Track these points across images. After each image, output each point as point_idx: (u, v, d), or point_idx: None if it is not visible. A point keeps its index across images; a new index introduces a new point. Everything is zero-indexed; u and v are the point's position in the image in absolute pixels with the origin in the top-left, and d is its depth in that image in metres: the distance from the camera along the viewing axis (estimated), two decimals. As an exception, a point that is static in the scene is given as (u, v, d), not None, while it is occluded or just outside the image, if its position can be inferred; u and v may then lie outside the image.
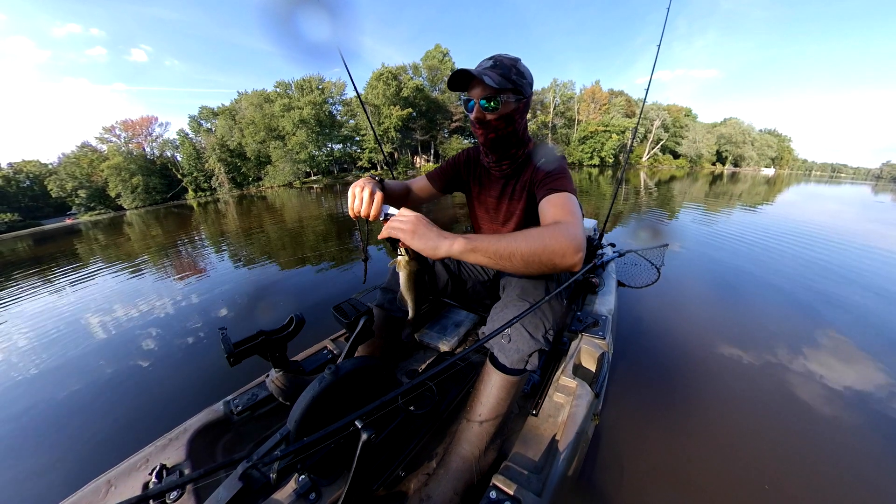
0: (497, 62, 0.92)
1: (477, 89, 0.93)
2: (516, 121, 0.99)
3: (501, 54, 0.95)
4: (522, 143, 1.07)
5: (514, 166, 1.10)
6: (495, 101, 0.92)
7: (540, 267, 0.74)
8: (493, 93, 0.91)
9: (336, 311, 1.12)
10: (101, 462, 1.50)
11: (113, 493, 0.86)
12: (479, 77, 0.88)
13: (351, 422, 0.93)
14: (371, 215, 0.82)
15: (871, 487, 1.26)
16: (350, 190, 0.85)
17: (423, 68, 41.63)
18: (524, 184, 1.10)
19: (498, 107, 0.93)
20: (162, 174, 39.88)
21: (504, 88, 0.91)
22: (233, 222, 10.90)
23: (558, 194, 0.92)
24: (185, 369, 2.26)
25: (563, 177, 0.98)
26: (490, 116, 0.95)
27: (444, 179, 1.25)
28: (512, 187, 1.14)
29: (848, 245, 4.63)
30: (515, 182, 1.13)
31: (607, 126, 44.09)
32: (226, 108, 40.63)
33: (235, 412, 1.10)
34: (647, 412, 1.61)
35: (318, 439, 0.53)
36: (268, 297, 3.49)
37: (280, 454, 0.50)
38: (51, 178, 36.49)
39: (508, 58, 0.95)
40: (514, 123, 0.99)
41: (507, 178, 1.14)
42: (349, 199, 0.85)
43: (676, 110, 53.80)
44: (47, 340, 3.03)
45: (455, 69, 0.90)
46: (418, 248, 0.75)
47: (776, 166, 68.64)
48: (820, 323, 2.44)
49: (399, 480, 0.99)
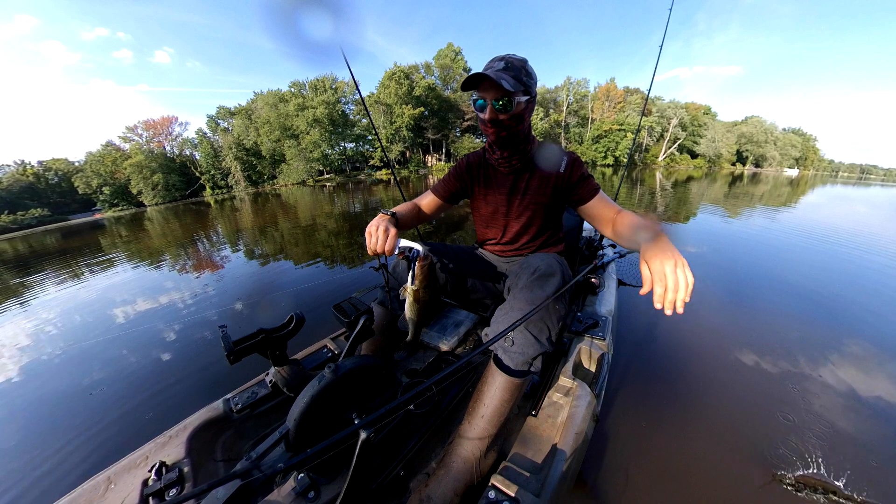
0: (508, 63, 0.96)
1: (490, 91, 0.96)
2: (525, 119, 1.05)
3: (511, 55, 0.99)
4: (529, 139, 1.12)
5: (523, 161, 1.15)
6: (509, 102, 0.96)
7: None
8: (507, 94, 0.95)
9: (336, 310, 1.13)
10: (101, 458, 1.52)
11: (112, 489, 0.87)
12: (498, 81, 0.90)
13: (351, 422, 0.94)
14: (387, 251, 0.91)
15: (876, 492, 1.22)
16: (367, 229, 0.94)
17: (435, 67, 41.64)
18: (539, 179, 1.16)
19: (511, 107, 0.97)
20: (181, 172, 41.16)
21: (517, 90, 0.95)
22: (246, 219, 11.15)
23: (600, 194, 1.10)
24: (185, 367, 2.27)
25: (592, 177, 1.14)
26: (503, 116, 1.00)
27: (449, 190, 1.30)
28: (525, 182, 1.18)
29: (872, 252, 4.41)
30: (528, 177, 1.17)
31: (622, 125, 43.25)
32: (242, 107, 41.63)
33: (235, 410, 1.11)
34: (646, 413, 1.60)
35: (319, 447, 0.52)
36: (269, 295, 3.51)
37: (284, 465, 0.50)
38: (77, 176, 38.09)
39: (517, 59, 0.99)
40: (523, 122, 1.04)
41: (517, 174, 1.19)
42: (366, 237, 0.94)
43: (695, 108, 52.35)
44: (44, 337, 3.06)
45: (467, 68, 0.94)
46: None
47: (800, 167, 66.19)
48: (829, 329, 2.35)
49: (399, 480, 0.99)
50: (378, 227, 0.93)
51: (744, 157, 57.45)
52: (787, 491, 1.22)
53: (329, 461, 0.93)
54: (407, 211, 1.18)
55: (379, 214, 1.00)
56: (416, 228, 1.46)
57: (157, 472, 0.89)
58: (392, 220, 1.00)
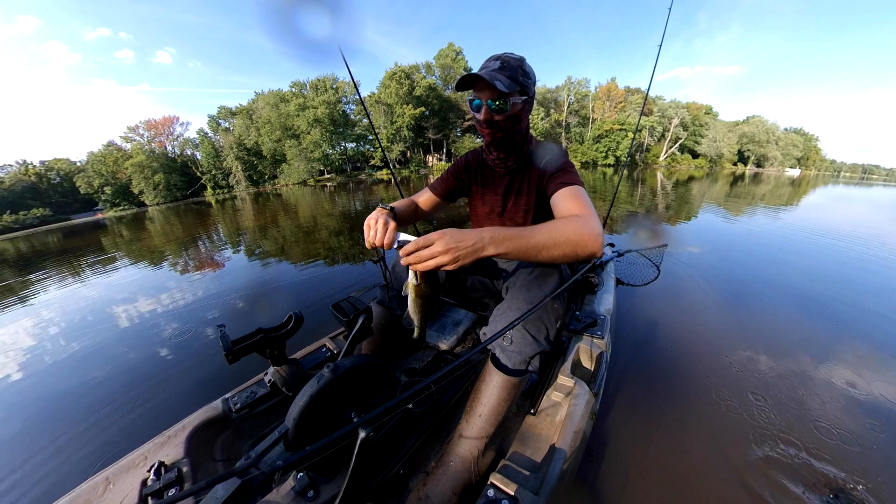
0: (504, 63, 0.93)
1: (486, 91, 0.94)
2: (522, 119, 1.01)
3: (508, 54, 0.96)
4: (526, 140, 1.09)
5: (519, 162, 1.12)
6: (505, 103, 0.93)
7: (563, 257, 0.77)
8: (502, 95, 0.92)
9: (335, 309, 1.12)
10: (99, 458, 1.51)
11: (111, 490, 0.86)
12: (492, 82, 0.88)
13: (350, 421, 0.94)
14: (385, 245, 0.89)
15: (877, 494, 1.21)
16: (365, 222, 0.92)
17: (436, 67, 41.59)
18: (531, 180, 1.13)
19: (507, 108, 0.94)
20: (182, 172, 41.22)
21: (513, 91, 0.92)
22: (246, 219, 11.15)
23: (570, 188, 0.96)
24: (183, 366, 2.27)
25: (572, 171, 1.04)
26: (499, 117, 0.97)
27: (447, 188, 1.28)
28: (518, 183, 1.16)
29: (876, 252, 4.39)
30: (522, 178, 1.15)
31: (623, 124, 43.16)
32: (243, 107, 41.63)
33: (234, 410, 1.10)
34: (645, 411, 1.60)
35: (318, 445, 0.52)
36: (268, 295, 3.50)
37: (283, 463, 0.50)
38: (79, 176, 38.19)
39: (514, 58, 0.95)
40: (520, 123, 1.01)
41: (512, 175, 1.17)
42: (365, 231, 0.92)
43: (696, 108, 52.20)
44: (45, 337, 3.06)
45: (467, 67, 0.92)
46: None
47: (802, 167, 65.88)
48: (831, 329, 2.34)
49: (398, 478, 0.99)
50: (377, 221, 0.91)
51: (745, 157, 57.22)
52: (788, 491, 1.22)
53: (328, 460, 0.93)
54: (405, 207, 1.18)
55: (377, 208, 0.99)
56: (414, 226, 1.46)
57: (156, 472, 0.89)
58: (391, 214, 0.98)
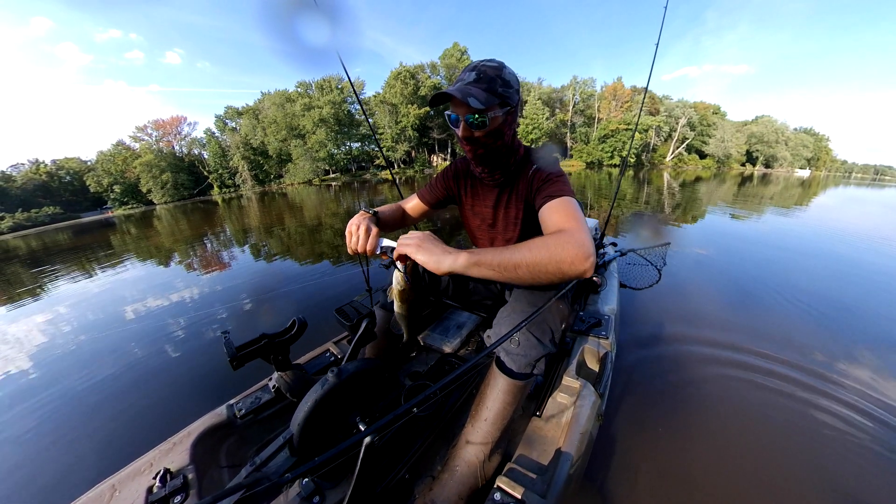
0: (481, 74, 0.86)
1: (462, 106, 0.86)
2: (505, 133, 0.93)
3: (484, 63, 0.89)
4: (513, 151, 1.02)
5: (507, 174, 1.06)
6: (483, 118, 0.86)
7: (549, 277, 0.71)
8: (480, 110, 0.85)
9: (338, 314, 1.12)
10: (104, 466, 1.51)
11: (117, 497, 0.86)
12: (464, 100, 0.80)
13: (355, 425, 0.94)
14: (368, 250, 0.87)
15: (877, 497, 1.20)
16: (347, 227, 0.90)
17: (441, 67, 41.65)
18: (520, 191, 1.06)
19: (486, 123, 0.87)
20: (190, 171, 41.68)
21: (491, 105, 0.85)
22: (252, 218, 11.25)
23: (557, 200, 0.88)
24: (188, 373, 2.27)
25: (560, 180, 0.94)
26: (479, 133, 0.90)
27: (436, 196, 1.23)
28: (507, 195, 1.10)
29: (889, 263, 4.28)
30: (510, 190, 1.09)
31: (629, 124, 42.81)
32: (250, 107, 41.99)
33: (238, 416, 1.10)
34: (651, 412, 1.58)
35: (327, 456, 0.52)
36: (271, 298, 3.51)
37: (291, 476, 0.49)
38: (89, 174, 38.77)
39: (492, 66, 0.88)
40: (502, 137, 0.93)
41: (501, 187, 1.10)
42: (346, 236, 0.90)
43: (704, 108, 51.62)
44: (46, 341, 3.08)
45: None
46: (422, 261, 0.75)
47: (812, 167, 64.90)
48: (841, 332, 2.30)
49: (403, 483, 0.98)
50: (359, 226, 0.88)
51: (754, 157, 56.44)
52: (791, 492, 1.20)
53: (333, 466, 0.93)
54: (390, 213, 1.14)
55: (359, 213, 0.95)
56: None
57: (162, 479, 0.88)
58: (373, 219, 0.95)
